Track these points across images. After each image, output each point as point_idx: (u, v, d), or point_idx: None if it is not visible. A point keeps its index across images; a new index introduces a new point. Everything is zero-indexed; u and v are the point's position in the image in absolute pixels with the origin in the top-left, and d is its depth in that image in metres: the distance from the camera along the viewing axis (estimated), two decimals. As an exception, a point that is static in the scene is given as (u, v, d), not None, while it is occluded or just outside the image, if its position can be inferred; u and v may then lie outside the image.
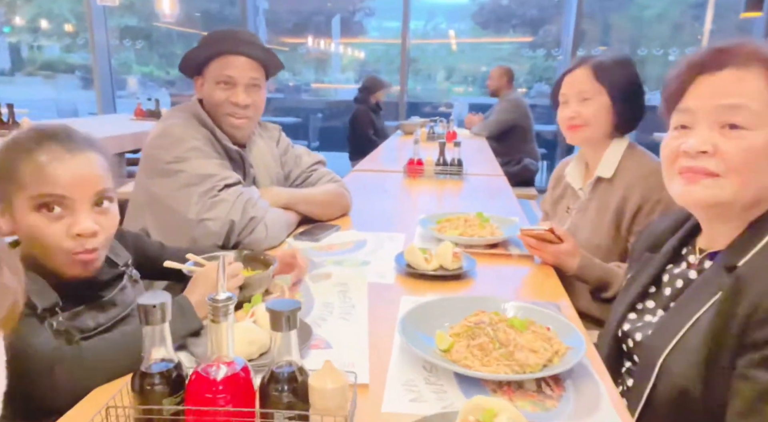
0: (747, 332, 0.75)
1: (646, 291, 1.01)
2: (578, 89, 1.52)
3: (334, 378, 0.68)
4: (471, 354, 0.87)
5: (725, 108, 0.81)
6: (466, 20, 10.47)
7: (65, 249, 0.85)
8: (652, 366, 0.86)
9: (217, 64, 1.43)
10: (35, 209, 0.84)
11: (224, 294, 0.67)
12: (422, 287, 1.21)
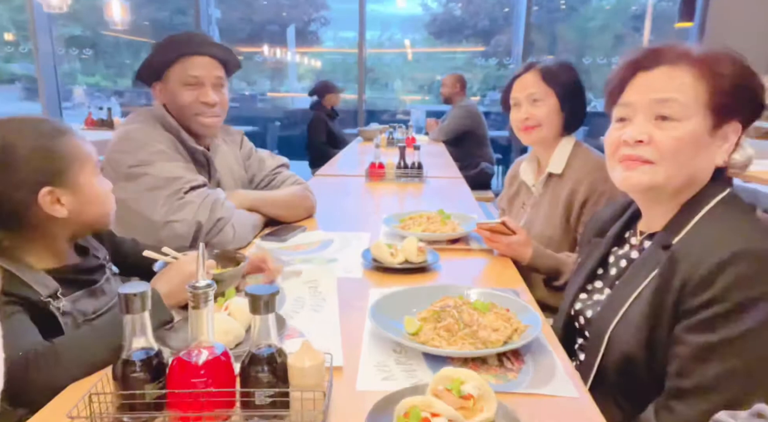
0: (681, 301, 0.84)
1: (595, 273, 1.10)
2: (528, 92, 1.62)
3: (312, 357, 0.73)
4: (438, 336, 0.92)
5: (658, 102, 0.90)
6: (420, 31, 10.69)
7: (113, 205, 1.05)
8: (600, 339, 0.94)
9: (181, 65, 1.44)
10: (96, 175, 1.01)
11: (204, 282, 0.71)
12: (389, 280, 1.27)
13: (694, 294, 0.82)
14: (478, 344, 0.89)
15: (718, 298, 0.80)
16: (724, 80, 0.88)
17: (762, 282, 0.79)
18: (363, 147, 4.20)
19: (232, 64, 1.53)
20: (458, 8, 10.83)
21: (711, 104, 0.88)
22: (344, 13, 10.44)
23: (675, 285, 0.84)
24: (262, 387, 0.71)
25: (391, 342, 0.95)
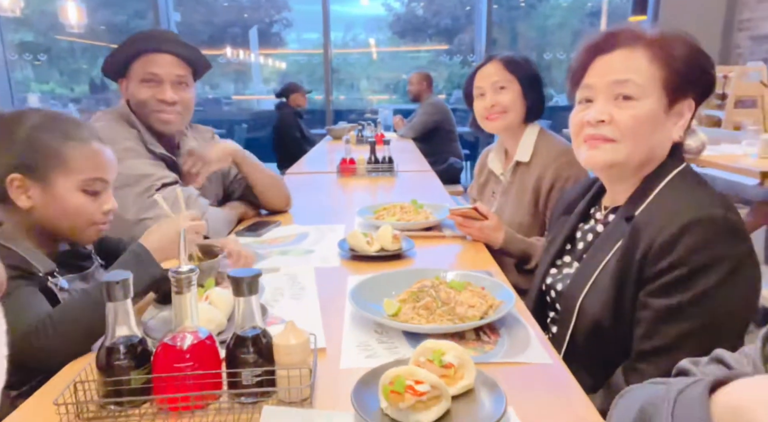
0: (644, 268, 0.89)
1: (564, 249, 1.15)
2: (493, 80, 1.66)
3: (296, 335, 0.74)
4: (417, 315, 0.95)
5: (617, 83, 0.95)
6: (384, 30, 10.75)
7: (95, 221, 1.04)
8: (571, 310, 0.99)
9: (141, 62, 1.43)
10: (82, 189, 1.01)
11: (186, 267, 0.72)
12: (366, 268, 1.29)
13: (655, 260, 0.87)
14: (455, 320, 0.93)
15: (677, 263, 0.85)
16: (677, 61, 0.93)
17: (717, 245, 0.85)
18: (332, 145, 4.20)
19: (200, 64, 1.52)
20: (420, 8, 10.95)
21: (666, 84, 0.94)
22: (307, 14, 10.39)
23: (638, 253, 0.89)
24: (249, 368, 0.73)
25: (371, 324, 0.97)
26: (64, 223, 1.02)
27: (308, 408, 0.72)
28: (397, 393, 0.67)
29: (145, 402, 0.72)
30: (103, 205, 1.04)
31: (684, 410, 0.41)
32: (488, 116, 1.69)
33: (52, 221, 1.01)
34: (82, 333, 0.87)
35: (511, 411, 0.71)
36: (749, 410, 0.38)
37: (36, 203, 0.99)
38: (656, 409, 0.44)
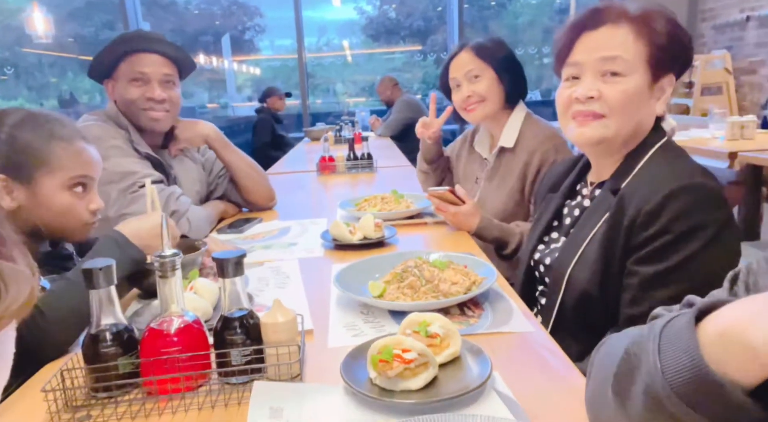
0: (631, 237, 0.92)
1: (551, 225, 1.17)
2: (466, 70, 1.64)
3: (284, 313, 0.75)
4: (402, 294, 0.97)
5: (605, 59, 0.96)
6: (357, 34, 10.78)
7: (83, 221, 1.04)
8: (560, 282, 1.01)
9: (129, 62, 1.44)
10: (68, 188, 1.01)
11: (170, 251, 0.72)
12: (349, 257, 1.29)
13: (641, 229, 0.90)
14: (440, 296, 0.94)
15: (662, 231, 0.88)
16: (660, 37, 0.96)
17: (699, 212, 0.88)
18: (310, 146, 4.20)
19: (185, 63, 1.53)
20: (392, 10, 11.01)
21: (650, 59, 0.96)
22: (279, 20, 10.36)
23: (625, 223, 0.92)
24: (237, 348, 0.73)
25: (357, 305, 0.98)
26: (53, 223, 1.01)
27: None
28: (386, 362, 0.68)
29: (135, 388, 0.72)
30: (89, 204, 1.04)
31: (670, 343, 0.41)
32: (466, 107, 1.67)
33: (38, 221, 1.00)
34: (72, 319, 0.87)
35: (496, 375, 0.72)
36: (739, 331, 0.37)
37: (21, 203, 0.98)
38: (641, 348, 0.44)
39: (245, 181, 1.70)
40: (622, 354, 0.48)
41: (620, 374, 0.47)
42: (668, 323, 0.44)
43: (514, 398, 0.67)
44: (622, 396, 0.47)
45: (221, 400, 0.70)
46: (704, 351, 0.39)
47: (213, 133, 1.63)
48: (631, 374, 0.46)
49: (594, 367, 0.57)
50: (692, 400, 0.39)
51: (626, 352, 0.47)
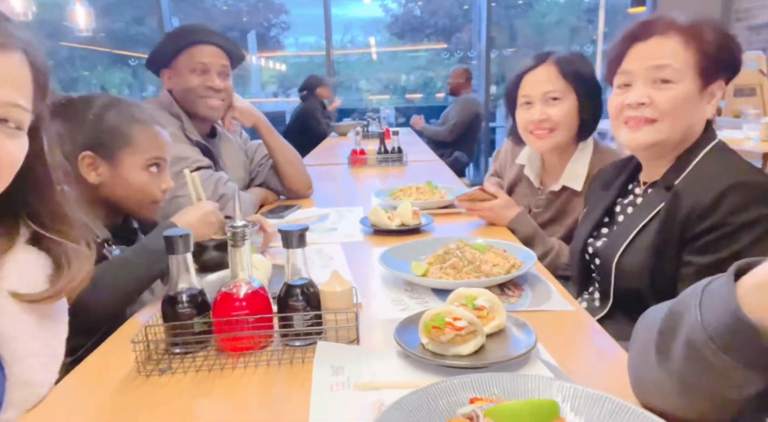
0: (687, 229, 0.96)
1: (602, 221, 1.21)
2: (545, 89, 1.42)
3: (341, 283, 0.81)
4: (445, 274, 1.02)
5: (655, 68, 1.02)
6: (382, 32, 10.83)
7: (154, 198, 1.14)
8: (609, 270, 1.07)
9: (190, 53, 1.54)
10: (145, 168, 1.11)
11: (241, 222, 0.78)
12: (388, 241, 1.35)
13: (698, 222, 0.95)
14: (481, 276, 0.99)
15: (719, 223, 0.93)
16: (709, 46, 1.01)
17: (754, 207, 0.92)
18: (337, 141, 4.27)
19: (237, 56, 1.63)
20: (418, 8, 11.03)
21: (699, 67, 1.01)
22: (304, 17, 10.49)
23: (680, 216, 0.97)
24: (299, 313, 0.79)
25: (402, 283, 1.04)
26: (129, 199, 1.11)
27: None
28: (438, 328, 0.73)
29: (207, 346, 0.79)
30: (161, 184, 1.14)
31: (710, 297, 0.46)
32: (533, 131, 1.46)
33: (117, 196, 1.10)
34: (119, 293, 0.97)
35: (540, 346, 0.77)
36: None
37: (104, 180, 1.08)
38: (684, 305, 0.49)
39: (287, 166, 1.78)
40: (666, 313, 0.53)
41: (664, 330, 0.52)
42: (710, 282, 0.49)
43: (559, 366, 0.72)
44: (665, 352, 0.52)
45: (285, 359, 0.77)
46: (742, 301, 0.44)
47: (263, 117, 1.73)
48: (674, 329, 0.50)
49: (637, 332, 0.62)
50: (729, 346, 0.44)
51: (670, 311, 0.52)
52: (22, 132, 0.63)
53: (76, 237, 0.73)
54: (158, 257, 1.00)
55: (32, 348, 0.67)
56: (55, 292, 0.69)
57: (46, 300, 0.68)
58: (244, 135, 1.88)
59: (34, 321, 0.68)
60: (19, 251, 0.69)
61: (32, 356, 0.67)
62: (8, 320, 0.65)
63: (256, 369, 0.74)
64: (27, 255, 0.69)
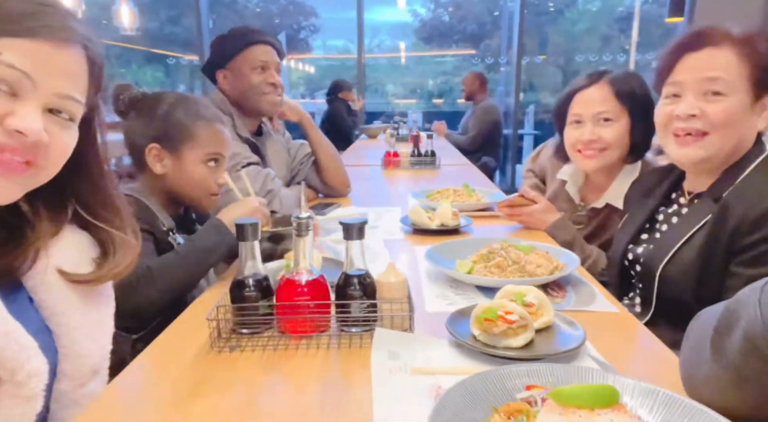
0: (735, 241, 0.97)
1: (642, 228, 1.21)
2: (597, 110, 1.41)
3: (396, 275, 0.86)
4: (489, 272, 1.06)
5: (708, 80, 1.01)
6: (409, 36, 10.89)
7: (211, 191, 1.21)
8: (653, 278, 1.07)
9: (249, 52, 1.62)
10: (204, 162, 1.18)
11: (305, 214, 0.83)
12: (427, 241, 1.38)
13: (747, 234, 0.96)
14: (525, 276, 1.03)
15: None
16: (763, 58, 1.01)
17: None
18: (367, 144, 4.34)
19: (282, 55, 1.71)
20: (447, 14, 11.07)
21: (753, 79, 1.01)
22: (333, 21, 10.63)
23: (728, 227, 0.97)
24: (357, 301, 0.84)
25: (447, 280, 1.08)
26: (189, 191, 1.19)
27: (411, 334, 0.83)
28: (491, 321, 0.77)
29: (270, 328, 0.84)
30: (218, 179, 1.21)
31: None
32: (582, 150, 1.45)
33: (179, 188, 1.18)
34: (176, 285, 1.03)
35: (588, 344, 0.80)
36: None
37: (168, 171, 1.16)
38: (742, 303, 0.52)
39: (328, 163, 1.84)
40: (722, 311, 0.55)
41: (720, 327, 0.55)
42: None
43: (609, 364, 0.75)
44: (720, 347, 0.55)
45: (343, 343, 0.81)
46: None
47: (307, 114, 1.81)
48: (731, 325, 0.53)
49: (691, 330, 0.64)
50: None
51: (726, 309, 0.55)
52: (74, 123, 0.66)
53: (123, 226, 0.76)
54: (206, 254, 1.07)
55: (79, 321, 0.70)
56: (98, 277, 0.72)
57: (90, 283, 0.72)
58: (287, 134, 1.95)
59: (80, 296, 0.71)
60: (67, 233, 0.72)
61: (80, 328, 0.70)
62: (56, 295, 0.69)
63: (317, 351, 0.79)
64: (74, 237, 0.73)
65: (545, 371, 0.66)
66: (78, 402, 0.69)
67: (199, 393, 0.68)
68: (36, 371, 0.61)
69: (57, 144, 0.64)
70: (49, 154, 0.63)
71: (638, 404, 0.59)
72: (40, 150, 0.62)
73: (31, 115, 0.60)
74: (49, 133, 0.61)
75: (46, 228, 0.70)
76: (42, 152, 0.62)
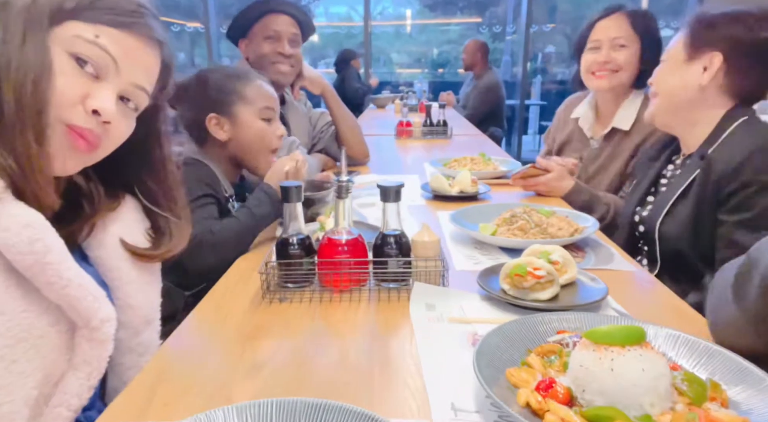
0: (719, 191, 1.06)
1: (648, 191, 1.31)
2: (614, 36, 1.59)
3: (430, 234, 0.92)
4: (513, 235, 1.12)
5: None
6: (413, 3, 10.67)
7: (273, 146, 1.27)
8: (653, 234, 1.17)
9: (264, 22, 1.66)
10: (259, 117, 1.24)
11: (345, 177, 0.89)
12: (447, 207, 1.44)
13: (728, 182, 1.05)
14: (548, 238, 1.08)
15: (747, 182, 1.03)
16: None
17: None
18: (376, 113, 4.35)
19: (308, 26, 1.74)
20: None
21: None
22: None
23: (713, 179, 1.07)
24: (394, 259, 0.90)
25: (470, 241, 1.14)
26: (252, 149, 1.25)
27: (445, 288, 0.90)
28: (520, 276, 0.83)
29: (311, 283, 0.90)
30: (276, 131, 1.27)
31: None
32: (596, 71, 1.62)
33: (242, 150, 1.24)
34: (233, 245, 1.09)
35: (610, 298, 0.86)
36: None
37: (230, 135, 1.22)
38: (760, 252, 0.58)
39: (349, 133, 1.88)
40: (743, 260, 0.61)
41: (740, 274, 0.61)
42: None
43: (629, 314, 0.82)
44: (741, 292, 0.61)
45: (382, 298, 0.88)
46: None
47: (329, 85, 1.84)
48: (750, 272, 0.59)
49: (716, 281, 0.71)
50: None
51: (747, 256, 0.61)
52: (136, 113, 0.72)
53: (180, 214, 0.82)
54: (261, 220, 1.13)
55: (131, 277, 0.76)
56: (154, 255, 0.78)
57: (144, 259, 0.77)
58: (308, 103, 1.98)
59: (130, 255, 0.77)
60: (125, 209, 0.78)
61: (132, 283, 0.76)
62: (111, 254, 0.75)
63: (358, 305, 0.86)
64: (129, 211, 0.78)
65: (574, 318, 0.72)
66: (134, 350, 0.76)
67: (256, 337, 0.75)
68: (107, 317, 0.68)
69: (117, 128, 0.69)
70: (109, 135, 0.68)
71: (662, 344, 0.65)
72: (105, 131, 0.67)
73: (108, 98, 0.66)
74: (115, 115, 0.67)
75: (103, 203, 0.76)
76: (105, 133, 0.67)
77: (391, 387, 0.64)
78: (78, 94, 0.64)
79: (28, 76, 0.60)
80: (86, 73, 0.64)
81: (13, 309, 0.60)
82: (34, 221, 0.60)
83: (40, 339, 0.62)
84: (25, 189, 0.61)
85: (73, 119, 0.64)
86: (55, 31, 0.63)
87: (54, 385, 0.65)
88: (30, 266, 0.60)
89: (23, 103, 0.60)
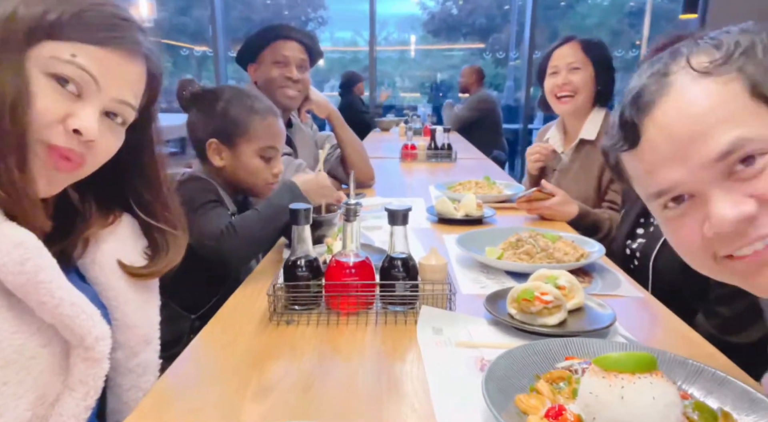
0: None
1: (638, 222, 1.30)
2: (569, 61, 1.78)
3: (437, 258, 0.92)
4: (519, 259, 1.12)
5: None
6: (417, 29, 10.87)
7: (267, 181, 1.28)
8: (647, 269, 1.15)
9: (273, 47, 1.70)
10: (258, 155, 1.25)
11: (354, 200, 0.90)
12: (452, 230, 1.45)
13: None
14: (554, 263, 1.09)
15: None
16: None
17: None
18: (380, 136, 4.39)
19: (316, 52, 1.78)
20: (455, 7, 11.05)
21: None
22: (341, 13, 10.63)
23: None
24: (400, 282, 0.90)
25: (476, 265, 1.14)
26: (245, 181, 1.27)
27: (452, 313, 0.89)
28: (528, 301, 0.83)
29: (318, 306, 0.90)
30: (273, 169, 1.28)
31: None
32: (558, 95, 1.81)
33: (236, 178, 1.26)
34: (255, 239, 1.13)
35: (617, 325, 0.86)
36: None
37: (226, 164, 1.24)
38: None
39: (354, 156, 1.90)
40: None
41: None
42: None
43: (638, 341, 0.81)
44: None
45: (388, 321, 0.88)
46: None
47: (335, 109, 1.88)
48: None
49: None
50: None
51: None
52: (124, 127, 0.71)
53: (176, 224, 0.81)
54: (281, 211, 1.14)
55: (129, 297, 0.75)
56: (153, 272, 0.78)
57: (142, 277, 0.76)
58: (314, 126, 2.01)
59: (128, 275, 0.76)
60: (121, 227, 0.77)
61: (129, 303, 0.75)
62: (107, 273, 0.74)
63: (365, 328, 0.86)
64: (126, 228, 0.78)
65: (584, 345, 0.72)
66: (133, 371, 0.75)
67: (264, 360, 0.75)
68: (101, 335, 0.66)
69: (104, 144, 0.68)
70: (93, 152, 0.67)
71: (672, 373, 0.65)
72: (89, 149, 0.66)
73: (89, 117, 0.64)
74: (99, 133, 0.65)
75: (96, 219, 0.75)
76: (88, 151, 0.66)
77: (399, 411, 0.64)
78: (59, 114, 0.62)
79: (6, 101, 0.59)
80: (68, 91, 0.63)
81: (5, 330, 0.59)
82: (25, 240, 0.60)
83: (32, 360, 0.62)
84: (13, 211, 0.61)
85: (53, 140, 0.62)
86: (32, 52, 0.61)
87: (49, 406, 0.64)
88: (22, 285, 0.59)
89: (2, 129, 0.58)
